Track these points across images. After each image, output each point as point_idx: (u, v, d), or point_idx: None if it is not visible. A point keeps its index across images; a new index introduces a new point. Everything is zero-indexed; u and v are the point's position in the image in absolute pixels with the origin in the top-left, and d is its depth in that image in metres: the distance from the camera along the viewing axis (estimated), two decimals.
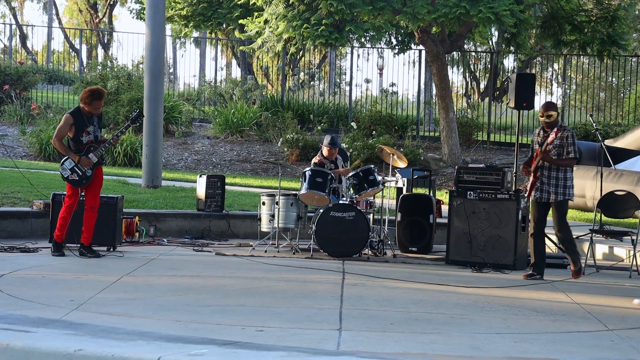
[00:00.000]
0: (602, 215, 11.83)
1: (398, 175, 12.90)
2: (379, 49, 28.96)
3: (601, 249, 12.65)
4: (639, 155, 17.14)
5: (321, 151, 12.79)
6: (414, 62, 35.06)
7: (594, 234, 11.44)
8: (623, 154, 17.20)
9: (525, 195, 10.63)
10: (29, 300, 7.71)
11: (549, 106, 10.49)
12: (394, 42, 23.72)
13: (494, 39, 30.59)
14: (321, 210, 11.67)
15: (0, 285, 8.39)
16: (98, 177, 10.78)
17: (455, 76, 43.39)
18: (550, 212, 10.53)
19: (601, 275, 10.99)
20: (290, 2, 18.13)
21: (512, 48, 21.39)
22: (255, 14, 20.22)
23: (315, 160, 12.68)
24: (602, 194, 11.93)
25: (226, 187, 14.07)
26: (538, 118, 11.09)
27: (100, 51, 47.91)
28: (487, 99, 29.73)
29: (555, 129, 10.34)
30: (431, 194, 12.94)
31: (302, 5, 18.02)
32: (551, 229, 10.78)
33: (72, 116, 10.59)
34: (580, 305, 8.58)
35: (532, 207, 10.49)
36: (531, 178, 10.39)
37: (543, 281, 10.07)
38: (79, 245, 10.74)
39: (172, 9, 22.94)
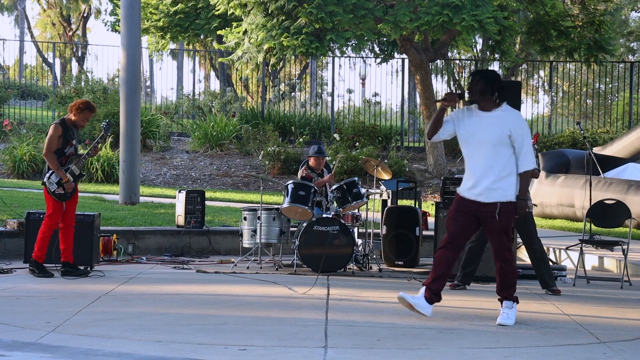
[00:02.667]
0: (592, 225, 11.70)
1: (383, 187, 12.75)
2: (362, 58, 28.88)
3: (591, 260, 12.53)
4: (628, 163, 17.10)
5: (307, 164, 12.58)
6: (397, 71, 34.99)
7: (583, 244, 11.28)
8: (612, 162, 17.17)
9: None
10: (3, 322, 7.47)
11: None
12: (377, 50, 23.64)
13: (479, 47, 30.57)
14: (304, 225, 11.47)
15: None
16: (75, 193, 10.60)
17: (440, 85, 43.44)
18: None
19: (592, 286, 10.90)
20: (270, 11, 17.95)
21: (497, 55, 21.33)
22: (234, 24, 20.03)
23: (302, 174, 12.46)
24: (592, 203, 11.80)
25: (206, 202, 13.94)
26: None
27: (74, 65, 47.73)
28: None
29: None
30: (417, 206, 12.79)
31: (282, 14, 17.85)
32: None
33: (60, 126, 10.37)
34: (571, 317, 8.44)
35: None
36: None
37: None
38: (60, 265, 10.48)
39: (148, 21, 22.76)
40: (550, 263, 11.31)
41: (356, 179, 11.93)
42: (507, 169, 7.89)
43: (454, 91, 9.73)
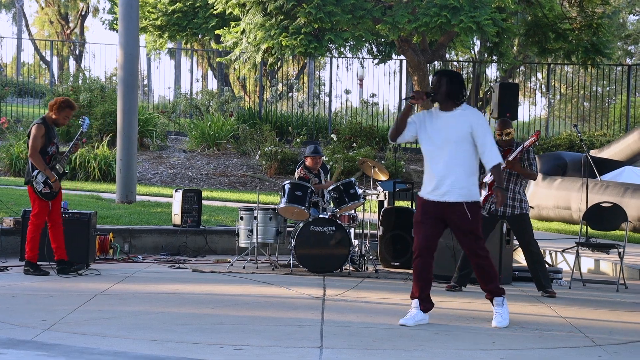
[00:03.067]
0: (588, 228, 11.68)
1: (379, 188, 12.72)
2: (359, 59, 28.83)
3: (587, 262, 12.51)
4: (625, 166, 17.08)
5: (304, 164, 12.56)
6: (394, 72, 34.91)
7: (580, 247, 11.27)
8: (609, 165, 17.15)
9: None
10: None
11: (506, 124, 10.32)
12: (375, 51, 23.57)
13: (476, 48, 30.52)
14: (301, 225, 11.46)
15: None
16: (59, 191, 10.54)
17: None
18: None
19: (587, 289, 10.87)
20: (269, 11, 17.91)
21: (494, 57, 21.30)
22: (232, 23, 19.99)
23: (300, 174, 12.43)
24: (588, 206, 11.77)
25: (203, 201, 13.90)
26: (521, 129, 10.93)
27: (72, 63, 47.64)
28: None
29: (514, 145, 10.23)
30: (413, 207, 12.75)
31: (281, 14, 17.80)
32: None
33: (43, 126, 10.32)
34: (567, 320, 8.44)
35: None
36: (484, 192, 10.17)
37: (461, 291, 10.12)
38: (55, 263, 10.45)
39: (146, 19, 22.69)
40: (547, 265, 11.32)
41: (353, 179, 11.92)
42: (470, 168, 7.85)
43: (421, 89, 9.70)
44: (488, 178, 10.18)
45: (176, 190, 13.61)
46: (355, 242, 12.01)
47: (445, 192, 7.81)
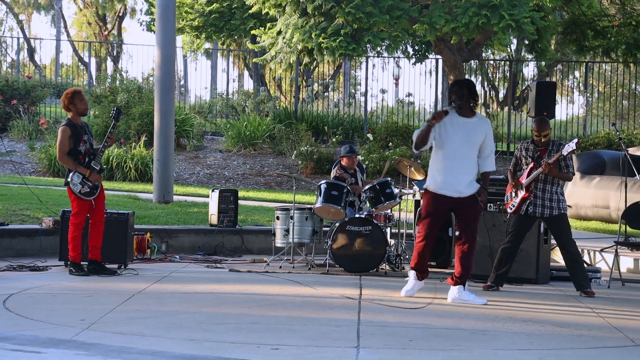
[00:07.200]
0: (627, 227, 11.58)
1: (415, 187, 12.69)
2: (396, 59, 28.75)
3: (626, 262, 12.41)
4: None
5: (340, 164, 12.55)
6: (430, 72, 34.82)
7: (619, 246, 11.17)
8: None
9: (512, 209, 10.29)
10: (39, 320, 7.53)
11: (544, 125, 10.25)
12: (411, 51, 23.48)
13: (513, 47, 30.31)
14: (337, 224, 11.46)
15: (10, 305, 8.22)
16: (101, 189, 10.59)
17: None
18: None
19: (627, 289, 10.82)
20: (308, 11, 17.87)
21: (534, 54, 21.11)
22: (269, 24, 20.02)
23: (336, 174, 12.42)
24: (627, 205, 11.67)
25: (239, 201, 13.94)
26: (558, 127, 10.84)
27: (109, 64, 47.99)
28: (506, 109, 29.52)
29: (550, 145, 10.17)
30: None
31: (320, 15, 17.76)
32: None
33: (68, 127, 10.39)
34: (605, 320, 8.38)
35: (517, 220, 10.25)
36: (521, 193, 10.14)
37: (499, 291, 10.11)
38: (86, 263, 10.52)
39: (182, 20, 22.77)
40: (585, 265, 11.22)
41: (389, 179, 11.90)
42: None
43: (442, 109, 10.80)
44: (526, 179, 10.14)
45: (213, 190, 13.66)
46: (392, 241, 11.99)
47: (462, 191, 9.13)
